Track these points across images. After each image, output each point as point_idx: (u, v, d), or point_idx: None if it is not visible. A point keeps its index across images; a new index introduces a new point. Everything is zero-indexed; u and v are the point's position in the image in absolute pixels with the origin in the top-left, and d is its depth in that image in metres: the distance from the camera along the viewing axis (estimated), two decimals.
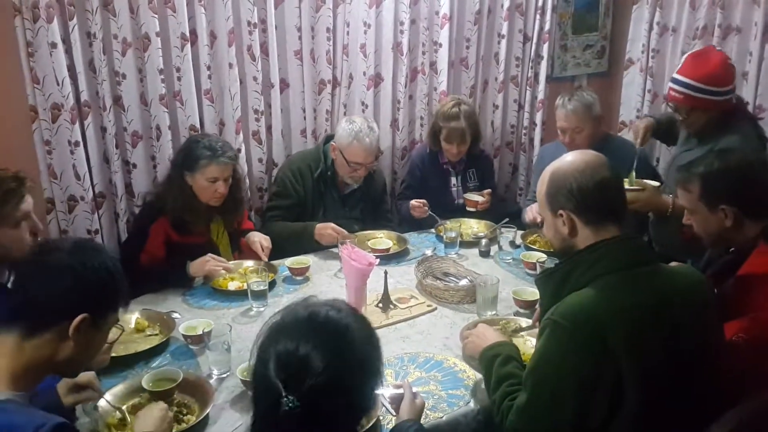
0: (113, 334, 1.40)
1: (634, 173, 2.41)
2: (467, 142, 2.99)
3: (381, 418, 1.58)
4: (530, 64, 3.56)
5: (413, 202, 2.92)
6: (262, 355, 1.04)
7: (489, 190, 3.02)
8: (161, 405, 1.50)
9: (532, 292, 2.16)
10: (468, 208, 2.95)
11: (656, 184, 2.35)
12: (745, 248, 1.74)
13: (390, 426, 1.47)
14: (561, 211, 1.51)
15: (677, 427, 1.40)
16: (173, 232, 2.42)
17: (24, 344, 1.20)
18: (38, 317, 1.22)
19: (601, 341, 1.36)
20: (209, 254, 2.35)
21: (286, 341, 1.02)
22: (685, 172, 1.84)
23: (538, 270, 2.29)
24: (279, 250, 2.61)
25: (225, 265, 2.35)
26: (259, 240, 2.55)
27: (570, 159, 1.54)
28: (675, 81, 2.35)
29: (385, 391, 1.63)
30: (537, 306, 2.12)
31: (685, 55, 2.44)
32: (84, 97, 2.52)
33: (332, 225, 2.64)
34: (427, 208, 2.89)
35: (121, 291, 1.32)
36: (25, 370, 1.20)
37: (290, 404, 0.96)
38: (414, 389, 1.53)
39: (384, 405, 1.60)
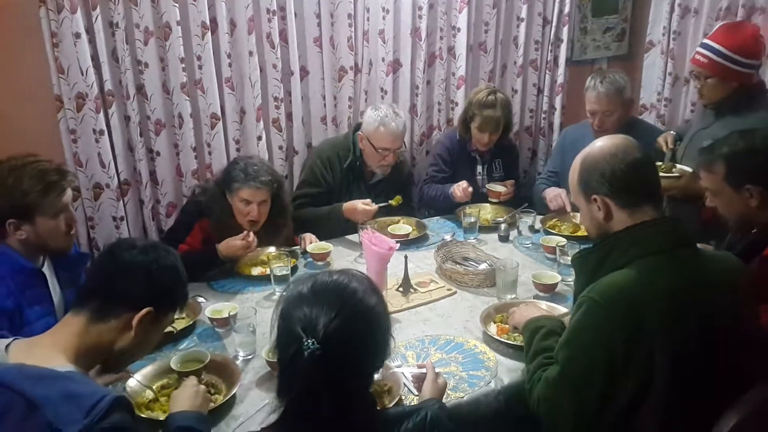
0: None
1: (672, 161, 2.40)
2: (500, 132, 2.97)
3: (403, 397, 1.61)
4: (549, 48, 3.54)
5: (458, 190, 2.82)
6: (285, 314, 1.16)
7: (512, 181, 3.02)
8: (192, 380, 1.56)
9: (552, 276, 2.18)
10: (491, 199, 2.94)
11: (690, 170, 2.31)
12: (766, 229, 1.73)
13: (413, 404, 1.49)
14: (595, 196, 1.52)
15: (703, 414, 1.40)
16: (214, 235, 2.43)
17: (90, 327, 1.29)
18: (108, 305, 1.30)
19: (636, 322, 1.37)
20: (234, 238, 2.34)
21: (302, 300, 1.15)
22: (708, 153, 1.83)
23: (558, 254, 2.29)
24: (317, 231, 2.65)
25: (251, 241, 2.34)
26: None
27: (600, 144, 1.55)
28: (703, 45, 2.35)
29: (407, 370, 1.66)
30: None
31: (718, 25, 2.43)
32: (108, 86, 2.56)
33: (358, 204, 2.65)
34: (471, 190, 2.85)
35: (183, 292, 1.43)
36: (87, 350, 1.28)
37: (311, 346, 1.07)
38: (436, 370, 1.55)
39: (406, 385, 1.63)
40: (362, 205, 2.65)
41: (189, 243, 2.41)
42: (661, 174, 2.28)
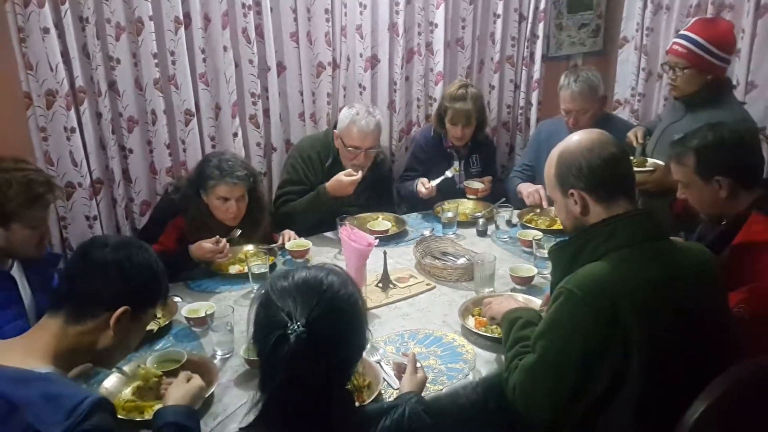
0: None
1: (643, 155, 2.43)
2: (472, 125, 2.97)
3: (383, 392, 1.60)
4: (526, 44, 3.56)
5: (422, 188, 2.85)
6: (266, 304, 1.17)
7: (489, 177, 3.03)
8: (187, 375, 1.53)
9: (528, 269, 2.20)
10: (468, 196, 2.96)
11: (662, 163, 2.33)
12: (738, 219, 1.77)
13: (391, 400, 1.49)
14: (572, 191, 1.54)
15: (681, 399, 1.42)
16: (190, 234, 2.39)
17: (68, 329, 1.25)
18: (83, 306, 1.27)
19: (613, 312, 1.38)
20: (205, 241, 2.29)
21: (283, 291, 1.16)
22: (679, 146, 1.87)
23: (535, 247, 2.31)
24: (300, 227, 2.64)
25: (221, 248, 2.30)
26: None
27: (577, 138, 1.56)
28: (681, 36, 2.38)
29: (391, 358, 1.67)
30: (546, 291, 2.16)
31: (694, 19, 2.46)
32: (79, 82, 2.51)
33: (341, 175, 2.65)
34: (434, 190, 2.86)
35: (162, 288, 1.39)
36: (66, 352, 1.25)
37: (298, 329, 1.08)
38: (417, 364, 1.55)
39: (386, 379, 1.63)
40: (345, 176, 2.63)
41: (162, 242, 2.35)
42: (635, 169, 2.31)
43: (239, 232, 2.44)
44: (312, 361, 1.10)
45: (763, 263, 1.63)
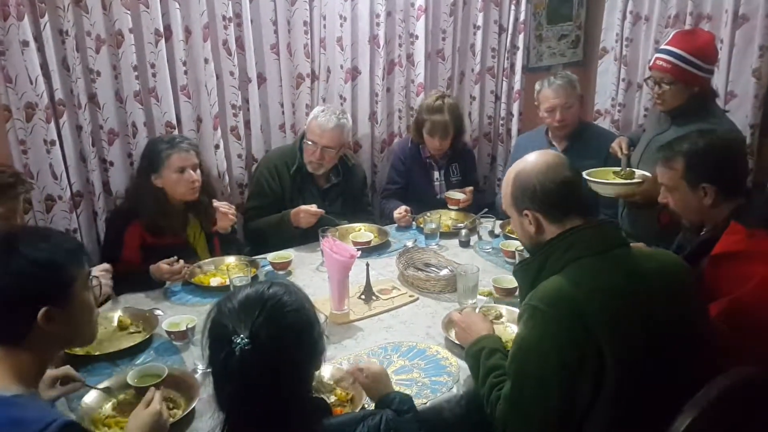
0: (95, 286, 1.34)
1: (628, 166, 2.44)
2: (450, 136, 2.99)
3: (366, 406, 1.59)
4: (506, 55, 3.59)
5: (396, 214, 2.88)
6: (213, 324, 1.20)
7: (471, 188, 3.03)
8: (155, 401, 1.44)
9: (511, 280, 2.19)
10: (450, 207, 2.96)
11: (649, 175, 2.30)
12: (717, 229, 1.78)
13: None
14: (526, 211, 1.56)
15: (656, 408, 1.43)
16: (148, 235, 2.41)
17: (9, 352, 1.20)
18: (5, 328, 1.20)
19: (581, 323, 1.38)
20: (161, 261, 2.27)
21: (228, 310, 1.19)
22: (668, 150, 1.88)
23: (517, 258, 2.32)
24: (263, 245, 2.63)
25: (179, 268, 2.28)
26: (220, 206, 2.56)
27: (532, 160, 1.59)
28: (663, 51, 2.37)
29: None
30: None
31: (673, 32, 2.49)
32: (58, 95, 2.49)
33: (302, 207, 2.66)
34: (410, 216, 2.89)
35: (68, 258, 1.24)
36: (27, 367, 1.20)
37: (241, 341, 1.12)
38: (362, 364, 1.58)
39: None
40: (304, 209, 2.65)
41: (126, 258, 2.36)
42: (623, 181, 2.33)
43: (198, 263, 2.43)
44: (261, 372, 1.12)
45: (742, 273, 1.65)
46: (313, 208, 2.65)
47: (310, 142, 2.76)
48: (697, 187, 1.79)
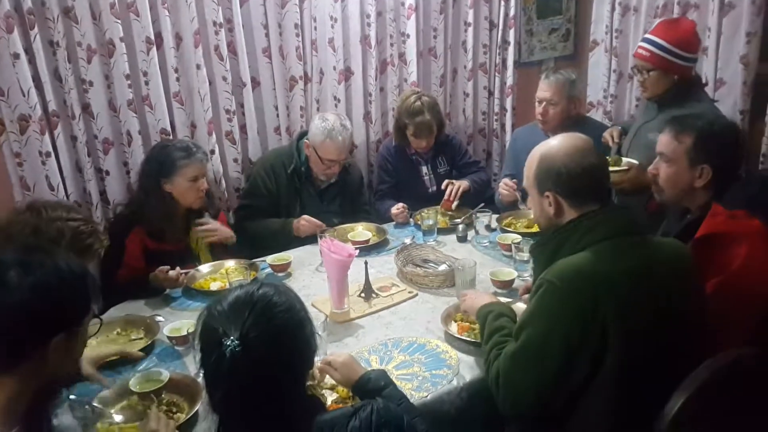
0: (92, 329, 1.35)
1: (618, 155, 2.47)
2: (434, 133, 3.03)
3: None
4: (498, 51, 3.60)
5: (393, 210, 2.91)
6: (204, 328, 1.21)
7: (459, 183, 2.97)
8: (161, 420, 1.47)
9: (509, 273, 2.22)
10: (447, 211, 2.94)
11: (637, 162, 2.36)
12: (701, 211, 1.80)
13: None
14: (548, 193, 1.58)
15: (654, 389, 1.45)
16: (150, 241, 2.42)
17: (4, 380, 1.15)
18: (9, 355, 1.16)
19: (592, 303, 1.42)
20: (160, 268, 2.28)
21: (218, 313, 1.20)
22: (680, 123, 1.88)
23: (514, 251, 2.33)
24: (261, 248, 2.63)
25: (176, 275, 2.28)
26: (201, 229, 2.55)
27: (558, 143, 1.60)
28: (645, 40, 2.44)
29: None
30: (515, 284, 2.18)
31: (658, 21, 2.51)
32: (52, 106, 2.49)
33: (304, 216, 2.69)
34: (407, 211, 2.90)
35: (83, 296, 1.25)
36: (14, 403, 1.15)
37: (231, 343, 1.12)
38: (329, 357, 1.61)
39: None
40: (304, 221, 2.68)
41: (128, 264, 2.37)
42: (611, 168, 2.34)
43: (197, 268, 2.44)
44: (253, 373, 1.13)
45: (725, 255, 1.66)
46: (316, 221, 2.68)
47: (326, 161, 2.76)
48: (696, 166, 1.82)
